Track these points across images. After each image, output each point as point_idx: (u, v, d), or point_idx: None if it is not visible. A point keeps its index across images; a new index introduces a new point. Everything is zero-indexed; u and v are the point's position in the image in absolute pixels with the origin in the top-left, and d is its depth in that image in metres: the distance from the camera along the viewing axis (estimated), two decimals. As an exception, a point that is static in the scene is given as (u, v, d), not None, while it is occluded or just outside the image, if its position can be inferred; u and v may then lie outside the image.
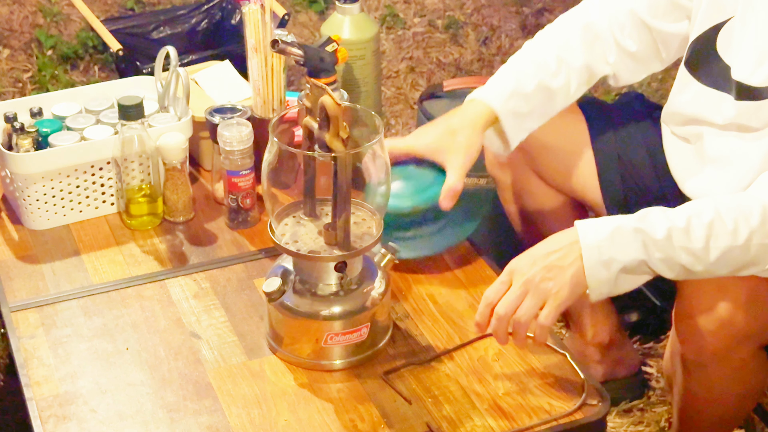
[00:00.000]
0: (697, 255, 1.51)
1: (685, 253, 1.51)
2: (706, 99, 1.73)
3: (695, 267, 1.53)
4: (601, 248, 1.51)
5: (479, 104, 1.80)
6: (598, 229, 1.52)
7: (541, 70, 1.83)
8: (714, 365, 1.64)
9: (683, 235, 1.51)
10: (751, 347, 1.63)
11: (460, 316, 1.74)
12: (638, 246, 1.51)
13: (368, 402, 1.59)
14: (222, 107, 1.98)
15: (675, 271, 1.54)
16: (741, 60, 1.64)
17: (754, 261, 1.53)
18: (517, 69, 1.85)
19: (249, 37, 1.94)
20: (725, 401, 1.71)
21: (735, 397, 1.71)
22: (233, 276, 1.83)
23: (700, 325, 1.60)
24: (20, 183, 1.90)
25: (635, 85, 3.31)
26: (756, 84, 1.61)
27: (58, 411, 1.57)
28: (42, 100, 2.04)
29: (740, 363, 1.63)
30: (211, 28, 3.15)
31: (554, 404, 1.58)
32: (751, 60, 1.62)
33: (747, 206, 1.52)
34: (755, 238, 1.51)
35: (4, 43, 3.54)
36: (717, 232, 1.51)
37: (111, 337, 1.70)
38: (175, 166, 1.92)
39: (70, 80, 3.34)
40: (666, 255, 1.51)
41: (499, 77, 1.85)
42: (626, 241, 1.51)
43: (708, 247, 1.51)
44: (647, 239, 1.51)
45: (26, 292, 1.80)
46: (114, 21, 3.12)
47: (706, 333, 1.60)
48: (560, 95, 1.84)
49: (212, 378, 1.63)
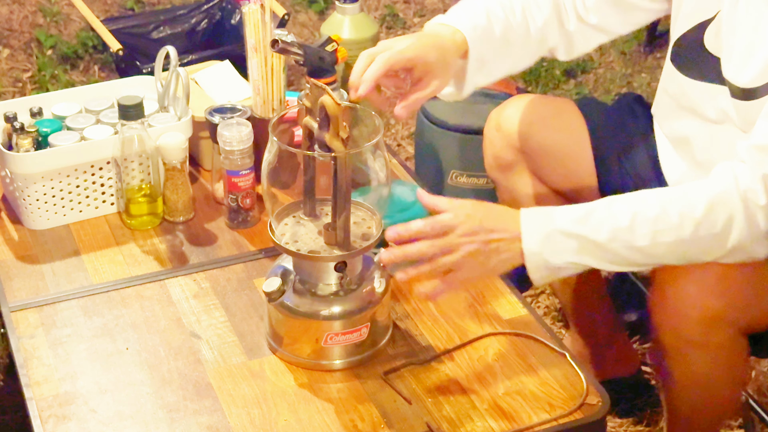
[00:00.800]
0: (643, 251, 1.54)
1: (630, 251, 1.54)
2: (695, 92, 1.73)
3: (642, 261, 1.57)
4: (542, 254, 1.54)
5: (455, 33, 1.73)
6: (539, 230, 1.55)
7: (508, 17, 1.79)
8: (691, 351, 1.64)
9: (628, 233, 1.53)
10: (727, 332, 1.63)
11: (460, 316, 1.74)
12: (576, 252, 1.54)
13: (368, 402, 1.59)
14: (222, 107, 1.98)
15: (621, 268, 1.58)
16: (728, 59, 1.64)
17: (705, 251, 1.55)
18: (488, 7, 1.78)
19: (249, 37, 1.94)
20: (709, 388, 1.71)
21: (718, 383, 1.70)
22: (233, 276, 1.83)
23: (674, 310, 1.61)
24: (20, 183, 1.90)
25: (635, 85, 3.32)
26: (742, 84, 1.61)
27: (58, 411, 1.57)
28: (42, 100, 2.04)
29: (718, 348, 1.63)
30: (211, 28, 3.15)
31: (554, 404, 1.58)
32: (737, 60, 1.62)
33: (692, 198, 1.53)
34: (702, 230, 1.52)
35: (4, 42, 3.54)
36: (662, 227, 1.53)
37: (111, 337, 1.70)
38: (175, 166, 1.92)
39: (70, 80, 3.34)
40: (609, 255, 1.55)
41: (471, 8, 1.78)
42: (565, 247, 1.54)
43: (655, 243, 1.53)
44: (585, 244, 1.54)
45: (26, 292, 1.80)
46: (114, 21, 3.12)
47: (679, 318, 1.61)
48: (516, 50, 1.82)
49: (212, 378, 1.63)
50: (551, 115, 1.98)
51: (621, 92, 3.24)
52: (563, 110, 1.99)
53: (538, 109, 1.98)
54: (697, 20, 1.71)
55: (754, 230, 1.52)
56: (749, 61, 1.60)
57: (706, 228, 1.52)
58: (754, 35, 1.59)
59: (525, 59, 1.86)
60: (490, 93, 2.49)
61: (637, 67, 3.44)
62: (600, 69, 3.42)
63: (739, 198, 1.51)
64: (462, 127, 2.42)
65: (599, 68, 3.43)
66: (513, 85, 2.57)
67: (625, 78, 3.37)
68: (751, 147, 1.53)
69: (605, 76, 3.38)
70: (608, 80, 3.36)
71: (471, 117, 2.41)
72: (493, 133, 2.01)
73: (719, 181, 1.53)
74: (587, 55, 3.48)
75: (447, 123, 2.43)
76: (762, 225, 1.52)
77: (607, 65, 3.45)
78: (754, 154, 1.52)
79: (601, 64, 3.45)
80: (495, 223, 1.56)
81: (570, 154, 1.96)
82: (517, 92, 2.48)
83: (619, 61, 3.46)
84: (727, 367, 1.68)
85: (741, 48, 1.61)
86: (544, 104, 2.01)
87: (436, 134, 2.45)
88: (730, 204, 1.52)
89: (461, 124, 2.42)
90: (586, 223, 1.54)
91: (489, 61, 1.77)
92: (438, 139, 2.45)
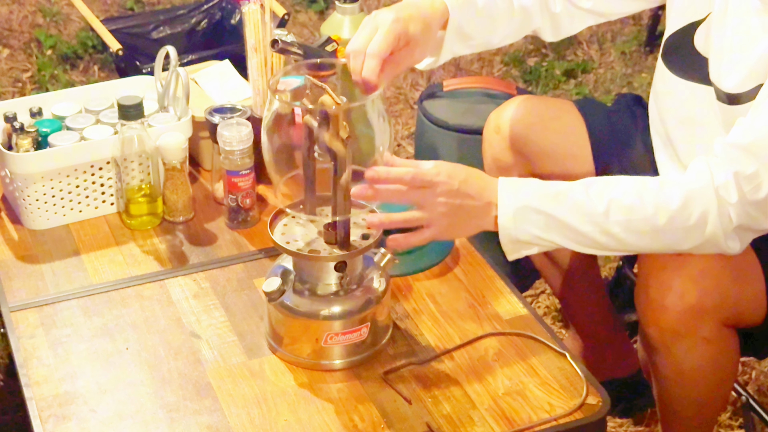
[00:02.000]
0: (615, 237, 1.56)
1: (602, 235, 1.56)
2: (682, 91, 1.74)
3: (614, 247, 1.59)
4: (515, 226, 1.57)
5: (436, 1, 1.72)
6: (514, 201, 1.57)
7: None
8: (676, 344, 1.65)
9: (602, 218, 1.55)
10: (712, 324, 1.63)
11: (460, 316, 1.74)
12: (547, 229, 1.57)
13: (368, 402, 1.59)
14: (222, 107, 1.98)
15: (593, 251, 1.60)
16: (715, 62, 1.65)
17: (677, 242, 1.57)
18: None
19: (249, 37, 1.94)
20: (697, 382, 1.71)
21: (706, 378, 1.71)
22: (233, 276, 1.83)
23: (657, 302, 1.62)
24: (20, 183, 1.90)
25: (635, 85, 3.32)
26: (727, 89, 1.62)
27: (58, 411, 1.57)
28: (42, 100, 2.04)
29: (703, 341, 1.64)
30: (211, 28, 3.15)
31: (554, 404, 1.58)
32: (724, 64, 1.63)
33: (669, 190, 1.55)
34: (676, 222, 1.54)
35: (4, 42, 3.54)
36: (637, 216, 1.55)
37: (111, 337, 1.70)
38: (175, 165, 1.92)
39: (69, 80, 3.34)
40: (579, 236, 1.57)
41: None
42: (536, 223, 1.57)
43: (628, 230, 1.56)
44: (556, 223, 1.56)
45: (26, 292, 1.80)
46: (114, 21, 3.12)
47: (663, 310, 1.62)
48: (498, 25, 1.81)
49: (212, 378, 1.63)
50: (550, 116, 1.98)
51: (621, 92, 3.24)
52: (562, 112, 1.99)
53: (537, 111, 1.98)
54: (688, 20, 1.72)
55: (726, 226, 1.54)
56: (735, 67, 1.61)
57: (680, 221, 1.54)
58: (740, 41, 1.60)
59: (508, 35, 1.86)
60: (491, 93, 2.49)
61: (637, 67, 3.44)
62: (600, 69, 3.42)
63: (713, 193, 1.53)
64: (462, 127, 2.41)
65: (599, 68, 3.43)
66: (513, 85, 2.57)
67: (625, 78, 3.37)
68: (727, 144, 1.55)
69: (605, 76, 3.38)
70: (608, 80, 3.36)
71: (471, 117, 2.41)
72: (492, 135, 2.01)
73: (696, 175, 1.55)
74: (587, 54, 3.49)
75: (447, 123, 2.43)
76: (734, 221, 1.54)
77: (607, 65, 3.45)
78: (728, 151, 1.54)
79: (601, 64, 3.45)
80: (473, 188, 1.59)
81: (569, 156, 1.96)
82: (517, 92, 2.48)
83: (619, 61, 3.46)
84: (714, 360, 1.68)
85: (728, 52, 1.62)
86: (544, 106, 2.01)
87: (436, 134, 2.45)
88: (706, 199, 1.54)
89: (461, 124, 2.42)
90: (562, 203, 1.57)
91: (469, 32, 1.78)
92: (438, 139, 2.45)
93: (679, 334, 1.63)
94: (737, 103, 1.61)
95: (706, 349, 1.65)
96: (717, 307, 1.62)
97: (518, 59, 3.46)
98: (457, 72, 3.42)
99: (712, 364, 1.68)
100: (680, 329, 1.62)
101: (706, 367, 1.68)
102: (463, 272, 1.83)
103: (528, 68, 3.41)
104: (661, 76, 1.80)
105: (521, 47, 3.52)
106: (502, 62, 3.46)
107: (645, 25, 3.57)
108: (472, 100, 2.48)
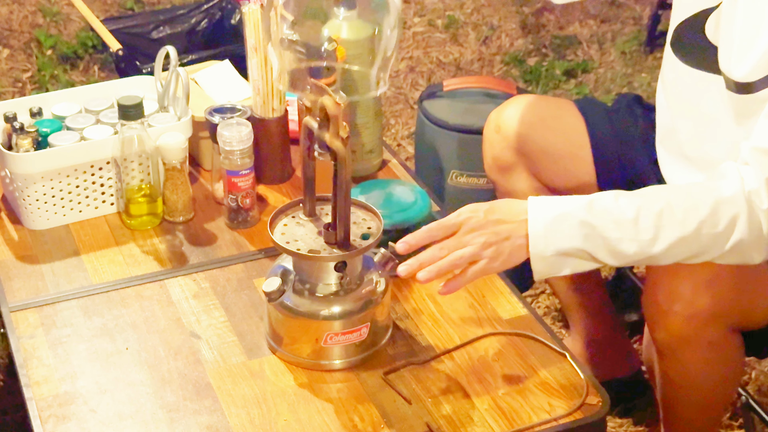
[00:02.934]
0: (645, 245, 1.52)
1: (632, 244, 1.52)
2: (691, 80, 1.72)
3: (642, 256, 1.54)
4: (546, 237, 1.53)
5: None
6: (545, 214, 1.53)
7: None
8: (684, 348, 1.64)
9: (632, 226, 1.52)
10: (720, 329, 1.63)
11: (460, 316, 1.74)
12: (580, 237, 1.52)
13: (368, 402, 1.59)
14: (222, 107, 1.98)
15: (620, 260, 1.55)
16: (725, 50, 1.63)
17: (704, 250, 1.54)
18: None
19: (249, 36, 1.94)
20: (702, 386, 1.71)
21: (712, 382, 1.70)
22: (233, 276, 1.83)
23: (666, 307, 1.61)
24: (20, 183, 1.90)
25: (635, 85, 3.32)
26: (738, 78, 1.60)
27: (58, 411, 1.57)
28: (42, 100, 2.04)
29: (710, 345, 1.63)
30: (211, 28, 3.15)
31: (554, 404, 1.58)
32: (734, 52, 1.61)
33: (698, 196, 1.53)
34: (705, 228, 1.52)
35: (4, 42, 3.54)
36: (666, 222, 1.52)
37: (111, 337, 1.70)
38: (175, 166, 1.92)
39: (69, 80, 3.34)
40: (611, 246, 1.53)
41: None
42: (570, 232, 1.52)
43: (657, 237, 1.52)
44: (591, 232, 1.52)
45: (26, 292, 1.80)
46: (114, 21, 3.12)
47: (671, 315, 1.61)
48: None
49: (212, 378, 1.63)
50: (550, 116, 1.98)
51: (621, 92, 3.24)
52: (563, 111, 1.98)
53: (538, 111, 1.98)
54: (700, 7, 1.69)
55: (754, 233, 1.52)
56: (746, 55, 1.59)
57: (708, 227, 1.51)
58: (752, 29, 1.58)
59: None
60: (491, 93, 2.49)
61: (638, 67, 3.44)
62: (600, 69, 3.42)
63: (744, 200, 1.51)
64: (462, 127, 2.41)
65: (599, 68, 3.43)
66: (513, 84, 2.57)
67: (626, 78, 3.37)
68: (754, 149, 1.52)
69: (605, 76, 3.38)
70: (608, 80, 3.36)
71: (471, 117, 2.41)
72: (493, 134, 2.01)
73: (726, 181, 1.53)
74: (587, 54, 3.49)
75: (447, 123, 2.43)
76: (764, 228, 1.52)
77: (608, 65, 3.45)
78: (757, 157, 1.51)
79: (601, 64, 3.45)
80: (500, 213, 1.56)
81: (569, 156, 1.96)
82: (517, 92, 2.48)
83: (619, 61, 3.46)
84: (721, 365, 1.68)
85: (739, 41, 1.60)
86: (544, 105, 2.01)
87: (436, 134, 2.45)
88: (736, 205, 1.51)
89: (461, 124, 2.42)
90: (592, 210, 1.53)
91: None
92: (438, 139, 2.45)
93: (687, 339, 1.62)
94: (748, 92, 1.59)
95: (712, 354, 1.65)
96: (726, 313, 1.61)
97: (518, 59, 3.46)
98: (457, 72, 3.43)
99: (718, 368, 1.68)
100: (688, 335, 1.61)
101: (712, 371, 1.67)
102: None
103: (528, 68, 3.41)
104: (671, 65, 1.77)
105: (521, 47, 3.52)
106: (502, 62, 3.46)
107: (645, 25, 3.57)
108: (472, 100, 2.48)
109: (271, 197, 2.01)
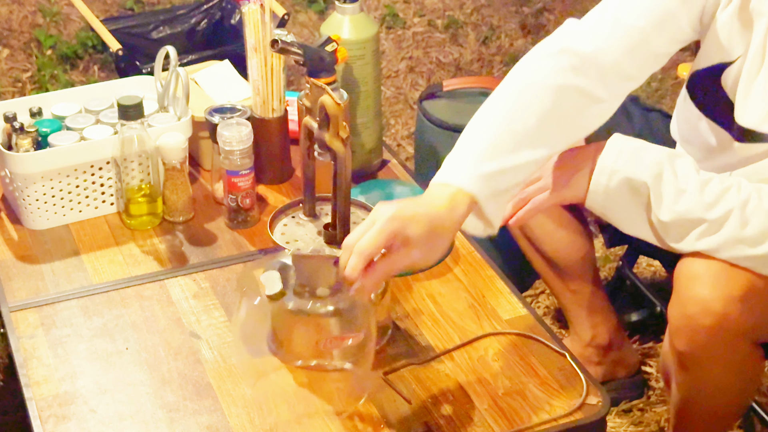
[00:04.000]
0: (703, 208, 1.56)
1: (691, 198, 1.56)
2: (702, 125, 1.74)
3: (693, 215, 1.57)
4: (616, 161, 1.60)
5: (458, 194, 1.51)
6: (625, 142, 1.62)
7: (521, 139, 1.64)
8: (708, 360, 1.63)
9: (699, 187, 1.56)
10: (746, 343, 1.62)
11: (460, 316, 1.74)
12: (651, 172, 1.57)
13: (368, 402, 1.59)
14: (222, 107, 1.98)
15: (669, 215, 1.58)
16: (741, 104, 1.64)
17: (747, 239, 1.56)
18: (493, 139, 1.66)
19: (249, 37, 1.94)
20: (721, 397, 1.70)
21: (731, 393, 1.70)
22: (233, 276, 1.83)
23: (694, 319, 1.59)
24: (20, 183, 1.90)
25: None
26: (750, 126, 1.61)
27: (58, 411, 1.57)
28: (42, 100, 2.04)
29: (735, 359, 1.63)
30: (211, 28, 3.15)
31: (554, 404, 1.58)
32: (751, 106, 1.62)
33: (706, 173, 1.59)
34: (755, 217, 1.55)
35: (4, 42, 3.54)
36: (728, 196, 1.56)
37: (111, 337, 1.70)
38: (175, 165, 1.92)
39: (69, 80, 3.34)
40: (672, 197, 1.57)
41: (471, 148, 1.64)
42: (645, 162, 1.58)
43: (716, 203, 1.56)
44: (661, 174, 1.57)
45: (26, 292, 1.80)
46: (114, 21, 3.12)
47: (699, 327, 1.59)
48: None
49: (212, 378, 1.63)
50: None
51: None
52: None
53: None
54: (717, 60, 1.69)
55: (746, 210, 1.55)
56: (760, 105, 1.59)
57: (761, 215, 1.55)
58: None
59: None
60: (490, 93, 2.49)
61: (637, 67, 3.43)
62: (600, 69, 3.42)
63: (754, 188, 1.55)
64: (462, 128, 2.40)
65: (599, 68, 3.42)
66: (513, 85, 2.57)
67: (625, 78, 3.36)
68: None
69: (605, 76, 3.38)
70: (608, 80, 3.35)
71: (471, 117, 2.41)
72: None
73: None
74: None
75: (447, 123, 2.43)
76: None
77: (607, 65, 3.44)
78: None
79: (600, 64, 3.44)
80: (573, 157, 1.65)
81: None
82: (517, 92, 2.47)
83: (619, 61, 3.45)
84: (741, 378, 1.67)
85: (757, 96, 1.60)
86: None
87: (436, 134, 2.45)
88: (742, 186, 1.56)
89: (461, 124, 2.40)
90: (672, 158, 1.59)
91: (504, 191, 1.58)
92: (438, 139, 2.45)
93: (712, 353, 1.61)
94: (759, 141, 1.61)
95: (735, 366, 1.64)
96: (753, 328, 1.60)
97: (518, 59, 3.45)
98: (457, 72, 3.43)
99: (739, 380, 1.67)
100: (715, 348, 1.60)
101: (732, 384, 1.67)
102: (463, 272, 1.83)
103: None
104: (685, 105, 1.80)
105: (521, 48, 3.52)
106: (502, 62, 3.46)
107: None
108: (472, 100, 2.48)
109: (271, 197, 2.01)
